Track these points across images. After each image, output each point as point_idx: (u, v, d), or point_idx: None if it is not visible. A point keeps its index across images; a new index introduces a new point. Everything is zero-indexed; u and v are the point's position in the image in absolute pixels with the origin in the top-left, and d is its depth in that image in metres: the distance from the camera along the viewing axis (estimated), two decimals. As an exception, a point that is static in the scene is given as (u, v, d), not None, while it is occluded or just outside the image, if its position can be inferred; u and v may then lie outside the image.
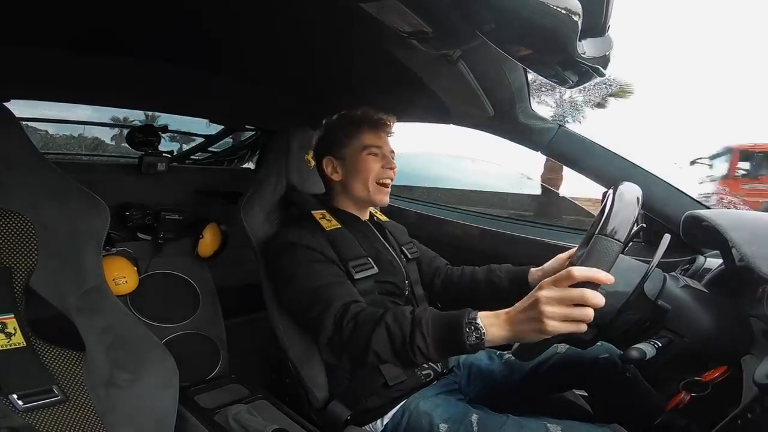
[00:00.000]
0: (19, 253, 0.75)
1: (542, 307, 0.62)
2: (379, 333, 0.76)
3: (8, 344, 0.70)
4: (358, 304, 0.85)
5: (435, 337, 0.73)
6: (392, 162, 1.06)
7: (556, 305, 0.61)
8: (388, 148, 1.08)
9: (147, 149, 1.35)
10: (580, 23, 0.55)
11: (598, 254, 0.63)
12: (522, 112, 1.16)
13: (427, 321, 0.74)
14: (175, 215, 1.37)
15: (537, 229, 1.47)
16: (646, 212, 1.09)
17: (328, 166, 1.08)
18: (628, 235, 0.63)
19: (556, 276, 0.63)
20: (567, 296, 0.61)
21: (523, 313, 0.65)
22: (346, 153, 1.06)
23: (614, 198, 0.67)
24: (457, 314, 0.72)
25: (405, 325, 0.75)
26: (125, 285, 1.21)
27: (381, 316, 0.78)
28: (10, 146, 0.76)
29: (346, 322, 0.81)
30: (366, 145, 1.04)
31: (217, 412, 1.05)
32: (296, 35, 0.95)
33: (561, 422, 0.84)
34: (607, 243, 0.62)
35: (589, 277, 0.60)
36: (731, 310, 0.74)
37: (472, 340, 0.68)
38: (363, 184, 1.05)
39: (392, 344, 0.75)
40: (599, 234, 0.63)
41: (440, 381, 1.03)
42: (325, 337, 0.84)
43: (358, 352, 0.79)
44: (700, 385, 0.71)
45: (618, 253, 0.62)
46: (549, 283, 0.63)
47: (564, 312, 0.61)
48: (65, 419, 0.72)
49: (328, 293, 0.87)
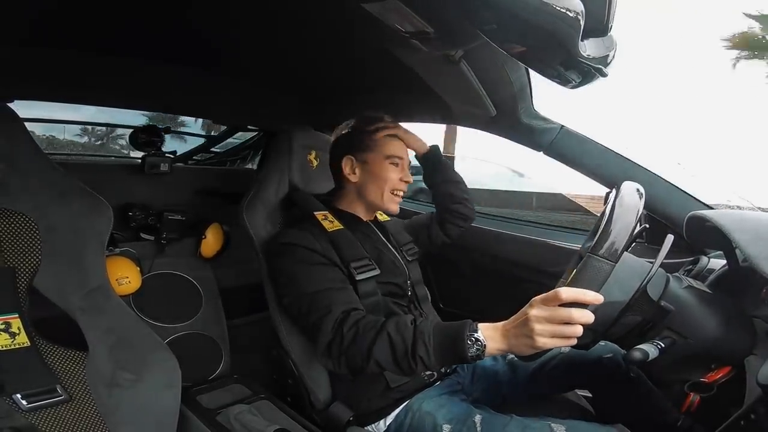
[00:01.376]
0: (23, 253, 0.76)
1: (532, 324, 0.64)
2: (381, 342, 0.78)
3: (12, 344, 0.70)
4: (358, 312, 0.86)
5: (437, 348, 0.75)
6: (409, 176, 1.08)
7: (545, 323, 0.64)
8: (407, 161, 1.09)
9: (150, 150, 1.36)
10: (582, 23, 0.55)
11: (588, 275, 0.63)
12: (524, 112, 1.16)
13: (430, 332, 0.76)
14: (177, 215, 1.38)
15: (537, 229, 1.47)
16: (648, 213, 1.09)
17: (347, 165, 1.07)
18: (622, 251, 0.63)
19: (545, 296, 0.65)
20: (555, 316, 0.63)
21: (515, 328, 0.68)
22: (368, 157, 1.06)
23: (614, 204, 0.66)
24: (458, 326, 0.74)
25: (407, 335, 0.77)
26: (128, 285, 1.21)
27: (383, 325, 0.80)
28: (14, 147, 0.76)
29: (347, 328, 0.82)
30: (390, 154, 1.06)
31: (219, 412, 1.05)
32: (298, 36, 0.95)
33: (565, 422, 0.83)
34: (597, 263, 0.63)
35: (576, 298, 0.62)
36: (735, 311, 0.74)
37: (473, 351, 0.71)
38: (379, 190, 1.05)
39: (394, 353, 0.77)
40: (591, 253, 0.64)
41: (443, 381, 1.03)
42: (324, 342, 0.84)
43: (359, 359, 0.80)
44: (704, 387, 0.71)
45: (609, 273, 0.62)
46: (539, 302, 0.65)
47: (553, 330, 0.63)
48: (68, 419, 0.72)
49: (329, 298, 0.88)
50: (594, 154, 1.15)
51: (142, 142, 1.35)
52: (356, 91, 1.34)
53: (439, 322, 0.79)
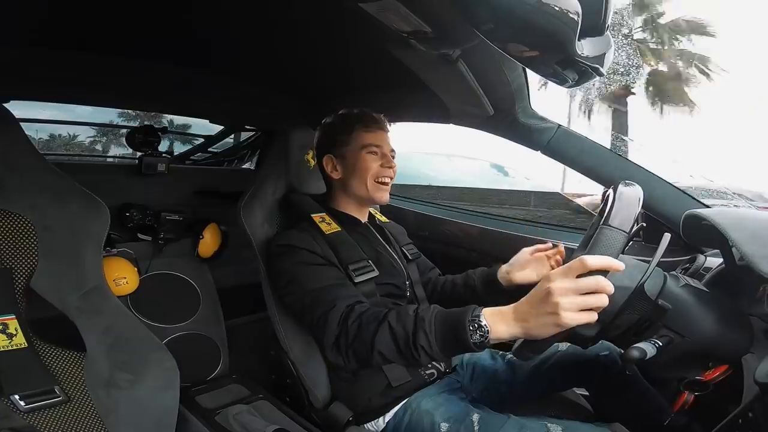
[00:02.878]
0: (20, 254, 0.75)
1: (557, 298, 0.59)
2: (383, 333, 0.76)
3: (10, 345, 0.70)
4: (362, 304, 0.85)
5: (438, 337, 0.71)
6: (391, 161, 1.07)
7: (571, 295, 0.59)
8: (388, 148, 1.08)
9: (147, 150, 1.35)
10: (579, 23, 0.55)
11: (604, 244, 0.62)
12: (521, 112, 1.16)
13: (431, 320, 0.73)
14: (175, 216, 1.38)
15: (537, 229, 1.47)
16: (646, 212, 1.09)
17: (328, 164, 1.08)
18: (631, 229, 0.63)
19: (567, 266, 0.60)
20: (582, 286, 0.58)
21: (534, 307, 0.63)
22: (345, 151, 1.06)
23: (615, 196, 0.67)
24: (460, 312, 0.70)
25: (408, 325, 0.74)
26: (126, 285, 1.21)
27: (384, 315, 0.78)
28: (10, 147, 0.76)
29: (351, 322, 0.80)
30: (365, 144, 1.05)
31: (218, 412, 1.05)
32: (295, 36, 0.95)
33: (562, 422, 0.84)
34: (612, 233, 0.62)
35: (603, 265, 0.58)
36: (732, 310, 0.74)
37: (476, 338, 0.67)
38: (361, 182, 1.05)
39: (396, 344, 0.75)
40: (604, 225, 0.64)
41: (443, 380, 1.03)
42: (331, 338, 0.82)
43: (364, 352, 0.78)
44: (702, 385, 0.71)
45: (624, 243, 0.62)
46: (559, 274, 0.60)
47: (580, 301, 0.59)
48: (66, 420, 0.72)
49: (332, 294, 0.87)
50: (591, 153, 1.15)
51: (138, 142, 1.35)
52: (354, 90, 1.34)
53: (441, 309, 0.75)
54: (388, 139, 1.09)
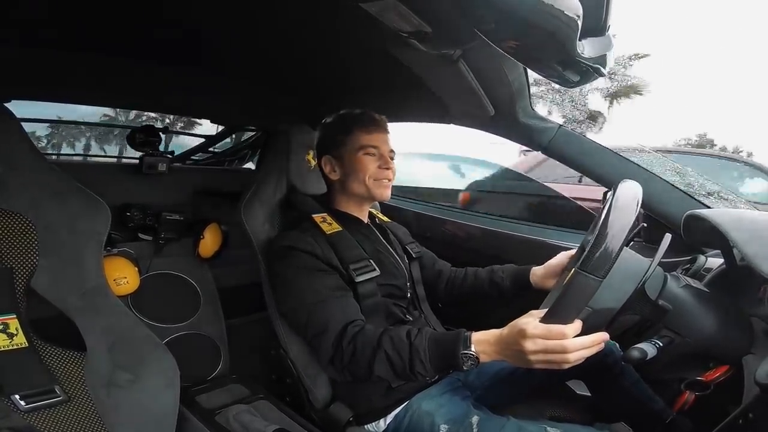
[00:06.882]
0: (20, 254, 0.75)
1: (528, 344, 0.67)
2: (380, 360, 0.81)
3: (10, 344, 0.70)
4: (356, 324, 0.87)
5: (434, 365, 0.78)
6: (389, 162, 1.06)
7: (540, 349, 0.67)
8: (387, 148, 1.07)
9: (148, 150, 1.35)
10: (580, 23, 0.55)
11: (574, 291, 0.64)
12: (522, 112, 1.16)
13: (425, 349, 0.78)
14: (175, 215, 1.38)
15: (537, 229, 1.47)
16: (646, 212, 1.09)
17: (326, 165, 1.08)
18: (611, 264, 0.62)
19: (540, 332, 0.67)
20: (550, 346, 0.66)
21: (510, 343, 0.71)
22: (343, 152, 1.06)
23: (610, 206, 0.65)
24: (452, 343, 0.77)
25: (404, 353, 0.79)
26: (126, 285, 1.21)
27: (379, 341, 0.81)
28: (10, 147, 0.76)
29: (345, 344, 0.84)
30: (362, 145, 1.04)
31: (218, 412, 1.05)
32: (296, 35, 0.95)
33: (561, 425, 0.84)
34: (585, 279, 0.63)
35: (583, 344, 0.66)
36: (732, 310, 0.74)
37: (468, 366, 0.75)
38: (360, 182, 1.05)
39: (393, 369, 0.80)
40: (578, 269, 0.63)
41: (444, 380, 1.02)
42: (326, 358, 0.87)
43: (361, 373, 0.83)
44: (702, 385, 0.71)
45: (596, 289, 0.63)
46: (534, 335, 0.67)
47: (542, 358, 0.67)
48: (66, 420, 0.72)
49: (325, 314, 0.88)
50: (592, 153, 1.15)
51: (139, 142, 1.35)
52: (354, 90, 1.34)
53: (433, 334, 0.81)
54: (388, 139, 1.08)
